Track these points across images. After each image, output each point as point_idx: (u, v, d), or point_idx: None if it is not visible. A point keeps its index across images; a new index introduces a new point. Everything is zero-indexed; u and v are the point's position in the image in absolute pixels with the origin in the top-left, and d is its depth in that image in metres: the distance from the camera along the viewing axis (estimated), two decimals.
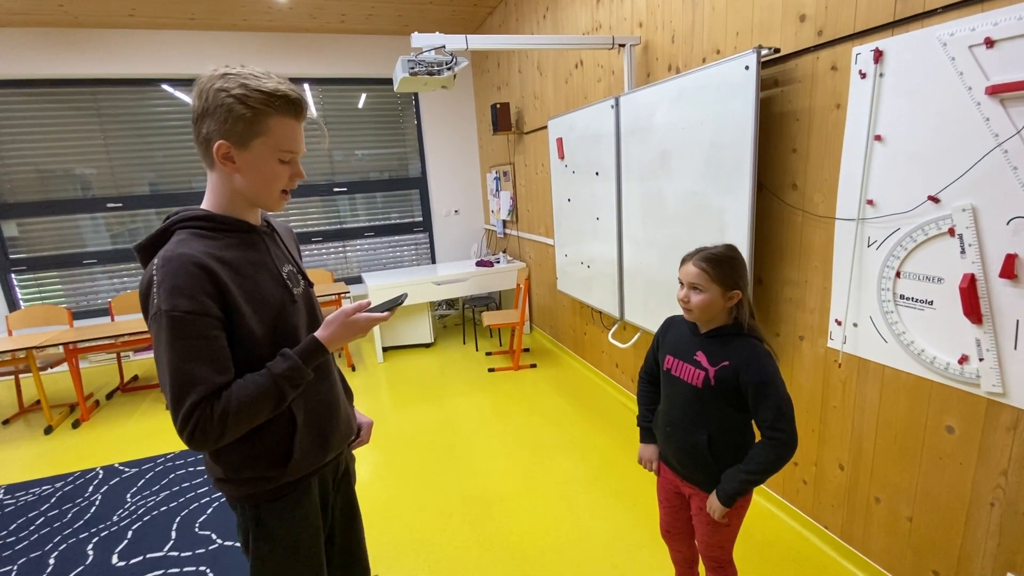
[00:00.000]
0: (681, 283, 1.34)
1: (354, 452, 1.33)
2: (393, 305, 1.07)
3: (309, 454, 1.05)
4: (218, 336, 0.90)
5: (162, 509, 2.45)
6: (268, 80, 0.92)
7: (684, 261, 1.34)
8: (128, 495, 2.59)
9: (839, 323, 1.77)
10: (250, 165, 0.94)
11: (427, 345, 4.69)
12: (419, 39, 2.12)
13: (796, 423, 1.25)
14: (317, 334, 1.00)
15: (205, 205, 0.99)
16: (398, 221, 5.61)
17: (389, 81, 5.26)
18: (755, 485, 1.27)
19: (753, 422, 1.31)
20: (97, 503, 2.55)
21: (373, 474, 2.65)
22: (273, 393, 0.93)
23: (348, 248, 5.48)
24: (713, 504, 1.31)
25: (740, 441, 1.35)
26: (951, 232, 1.41)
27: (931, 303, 1.49)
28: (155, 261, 0.89)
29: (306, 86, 5.03)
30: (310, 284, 1.15)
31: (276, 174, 0.97)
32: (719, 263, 1.27)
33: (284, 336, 1.00)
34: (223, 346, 0.90)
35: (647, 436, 1.56)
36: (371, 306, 1.06)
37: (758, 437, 1.37)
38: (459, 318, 5.56)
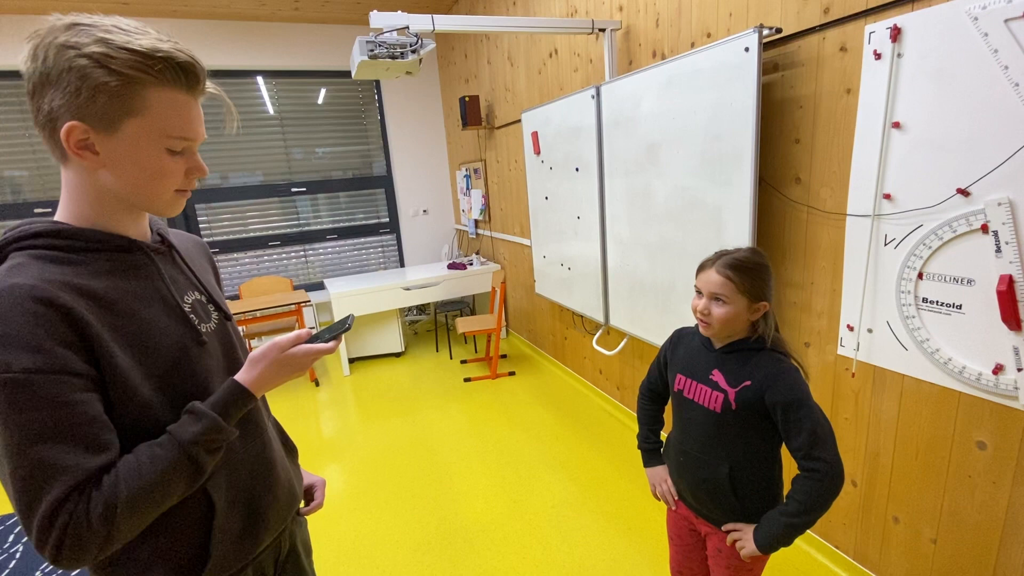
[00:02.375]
0: (699, 292, 1.15)
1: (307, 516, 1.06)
2: (339, 332, 0.83)
3: (236, 547, 0.79)
4: (83, 401, 0.62)
5: None
6: (143, 35, 0.64)
7: (703, 267, 1.14)
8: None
9: (851, 329, 1.63)
10: (122, 157, 0.66)
11: (397, 354, 4.42)
12: (379, 18, 1.87)
13: (837, 449, 1.07)
14: (239, 376, 0.75)
15: (61, 215, 0.70)
16: (363, 222, 5.30)
17: (348, 73, 4.94)
18: (803, 530, 1.08)
19: (788, 451, 1.13)
20: (18, 556, 2.21)
21: (339, 505, 2.40)
22: (182, 467, 0.67)
23: (309, 252, 5.14)
24: (747, 544, 1.12)
25: (767, 474, 1.17)
26: (984, 229, 1.27)
27: (959, 307, 1.35)
28: None
29: (259, 79, 4.68)
30: (227, 317, 0.86)
31: (163, 169, 0.69)
32: (747, 271, 1.08)
33: (188, 391, 0.74)
34: (94, 413, 0.63)
35: (651, 458, 1.38)
36: (316, 333, 0.82)
37: (787, 468, 1.20)
38: (431, 324, 5.30)
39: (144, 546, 0.71)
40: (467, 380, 3.76)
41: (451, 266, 4.49)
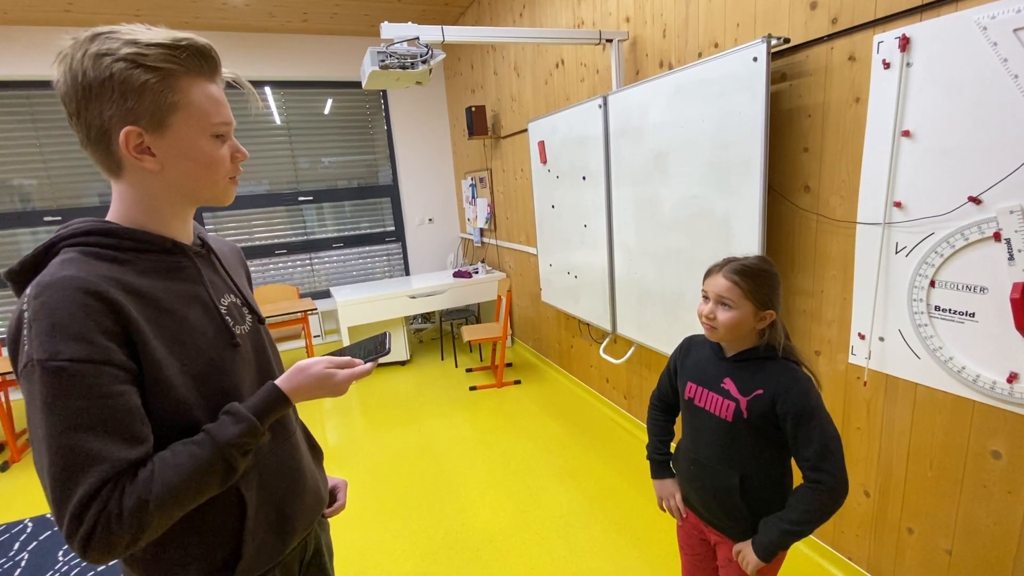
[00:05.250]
0: (705, 297, 1.15)
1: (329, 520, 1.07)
2: (377, 355, 0.84)
3: (265, 547, 0.80)
4: (124, 393, 0.63)
5: (99, 569, 2.13)
6: (158, 31, 0.67)
7: (711, 272, 1.15)
8: (60, 553, 2.25)
9: (862, 337, 1.62)
10: (177, 153, 0.69)
11: (403, 363, 4.41)
12: (390, 29, 1.89)
13: (844, 461, 1.07)
14: (279, 382, 0.76)
15: (111, 217, 0.73)
16: (368, 231, 5.32)
17: (356, 84, 4.99)
18: (799, 537, 1.08)
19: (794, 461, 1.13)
20: (23, 564, 2.20)
21: (345, 514, 2.38)
22: (217, 467, 0.68)
23: (315, 260, 5.16)
24: (748, 557, 1.11)
25: (778, 484, 1.16)
26: (996, 237, 1.27)
27: (972, 315, 1.34)
28: (27, 291, 0.63)
29: (267, 89, 4.73)
30: (260, 320, 0.88)
31: (215, 156, 0.73)
32: (753, 276, 1.09)
33: (221, 392, 0.75)
34: (133, 407, 0.64)
35: (660, 470, 1.37)
36: (346, 347, 0.85)
37: (797, 478, 1.19)
38: (436, 332, 5.30)
39: (178, 545, 0.72)
40: (472, 389, 3.75)
41: (457, 274, 4.50)
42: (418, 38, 1.93)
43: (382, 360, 4.32)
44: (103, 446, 0.61)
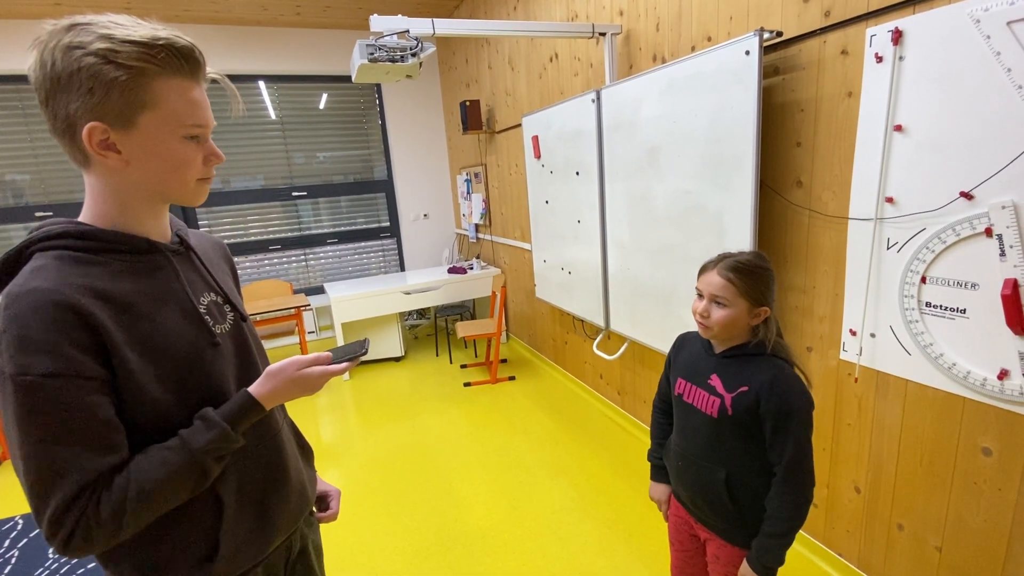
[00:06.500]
0: (699, 294, 1.14)
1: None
2: (354, 355, 0.84)
3: (245, 546, 0.79)
4: (98, 403, 0.64)
5: (90, 566, 2.12)
6: (140, 26, 0.65)
7: (705, 269, 1.14)
8: (51, 551, 2.24)
9: (854, 333, 1.61)
10: (143, 152, 0.67)
11: (397, 359, 4.40)
12: (379, 22, 1.87)
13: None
14: (252, 389, 0.76)
15: (84, 216, 0.71)
16: (363, 227, 5.30)
17: (349, 78, 4.95)
18: (791, 544, 1.09)
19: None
20: (14, 561, 2.19)
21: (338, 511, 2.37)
22: (191, 472, 0.69)
23: (310, 256, 5.14)
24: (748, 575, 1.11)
25: (765, 481, 1.15)
26: (988, 232, 1.26)
27: (963, 311, 1.34)
28: None
29: (261, 84, 4.69)
30: (243, 318, 0.87)
31: (184, 158, 0.70)
32: (748, 274, 1.08)
33: (201, 392, 0.74)
34: (106, 416, 0.64)
35: (659, 474, 1.37)
36: (329, 350, 0.84)
37: None
38: (431, 328, 5.29)
39: (155, 543, 0.73)
40: (467, 385, 3.74)
41: (451, 270, 4.48)
42: (408, 31, 1.91)
43: (377, 356, 4.32)
44: (77, 457, 0.62)
